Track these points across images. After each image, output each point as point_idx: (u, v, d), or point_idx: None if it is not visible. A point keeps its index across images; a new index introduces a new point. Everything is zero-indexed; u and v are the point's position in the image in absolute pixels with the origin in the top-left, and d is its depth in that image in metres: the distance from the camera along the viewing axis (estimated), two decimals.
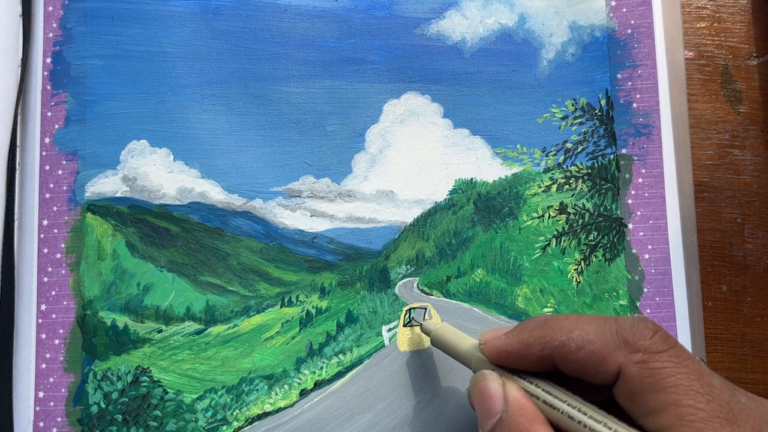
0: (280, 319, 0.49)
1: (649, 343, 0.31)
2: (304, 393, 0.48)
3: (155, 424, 0.47)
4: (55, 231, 0.49)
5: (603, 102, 0.51)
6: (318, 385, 0.49)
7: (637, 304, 0.49)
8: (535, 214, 0.51)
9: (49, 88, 0.50)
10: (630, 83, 0.51)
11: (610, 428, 0.31)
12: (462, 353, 0.40)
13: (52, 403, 0.47)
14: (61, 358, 0.47)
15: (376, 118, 0.51)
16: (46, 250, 0.48)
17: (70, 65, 0.50)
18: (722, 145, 0.51)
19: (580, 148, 0.51)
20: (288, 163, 0.50)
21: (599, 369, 0.32)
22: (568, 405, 0.33)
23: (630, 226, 0.50)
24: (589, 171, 0.51)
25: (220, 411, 0.48)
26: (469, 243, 0.51)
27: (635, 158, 0.50)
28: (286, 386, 0.48)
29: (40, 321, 0.48)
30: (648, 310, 0.49)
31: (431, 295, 0.50)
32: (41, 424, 0.47)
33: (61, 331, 0.48)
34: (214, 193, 0.50)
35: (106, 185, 0.50)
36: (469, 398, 0.38)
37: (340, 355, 0.49)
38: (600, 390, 0.33)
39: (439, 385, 0.48)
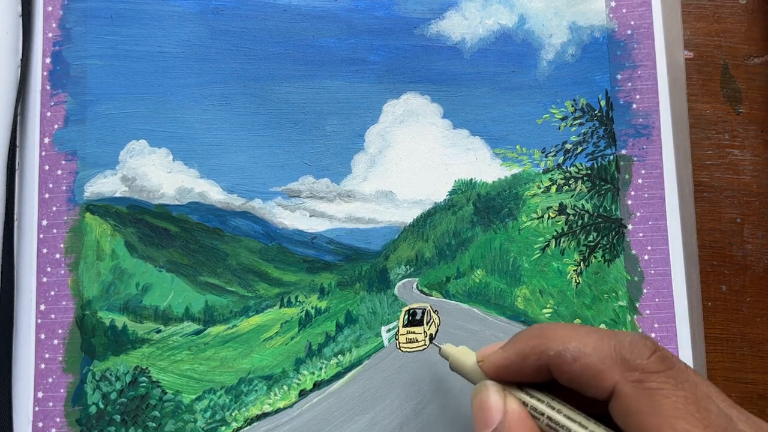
0: (279, 319, 0.49)
1: (647, 363, 0.30)
2: (303, 394, 0.48)
3: (154, 424, 0.47)
4: (55, 231, 0.49)
5: (603, 103, 0.51)
6: (317, 385, 0.48)
7: (637, 305, 0.49)
8: (534, 215, 0.51)
9: (48, 88, 0.50)
10: (630, 84, 0.51)
11: None
12: (469, 372, 0.39)
13: (51, 404, 0.47)
14: (60, 359, 0.47)
15: (376, 118, 0.51)
16: (45, 250, 0.48)
17: (69, 65, 0.50)
18: (722, 145, 0.51)
19: (579, 149, 0.51)
20: (287, 163, 0.50)
21: (593, 383, 0.32)
22: (569, 419, 0.33)
23: (629, 227, 0.50)
24: (589, 172, 0.51)
25: (218, 411, 0.47)
26: (468, 244, 0.51)
27: (635, 159, 0.50)
28: (285, 387, 0.48)
29: (39, 321, 0.48)
30: (647, 311, 0.49)
31: (431, 295, 0.50)
32: (40, 425, 0.47)
33: (60, 331, 0.48)
34: (214, 193, 0.50)
35: (105, 185, 0.50)
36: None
37: (340, 356, 0.49)
38: (601, 403, 0.33)
39: (439, 385, 0.48)
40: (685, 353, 0.48)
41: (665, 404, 0.29)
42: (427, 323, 0.49)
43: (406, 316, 0.49)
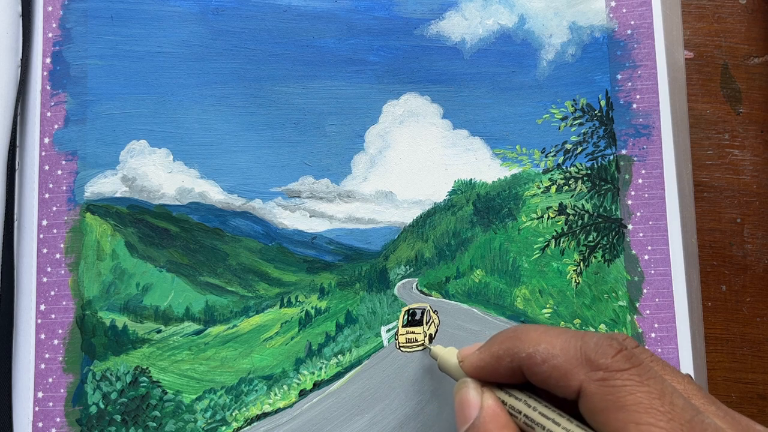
0: (279, 319, 0.49)
1: (611, 362, 0.31)
2: (303, 393, 0.48)
3: (154, 424, 0.47)
4: (55, 231, 0.49)
5: (603, 103, 0.51)
6: (317, 385, 0.48)
7: (637, 305, 0.49)
8: (534, 215, 0.51)
9: (48, 88, 0.50)
10: (630, 84, 0.51)
11: None
12: (453, 371, 0.40)
13: (51, 404, 0.47)
14: (60, 359, 0.47)
15: (376, 118, 0.51)
16: (45, 250, 0.48)
17: (69, 65, 0.50)
18: (722, 145, 0.51)
19: (579, 149, 0.51)
20: (287, 163, 0.50)
21: (561, 383, 0.32)
22: (543, 417, 0.33)
23: (629, 227, 0.50)
24: (589, 172, 0.51)
25: (219, 411, 0.47)
26: (468, 244, 0.51)
27: (635, 159, 0.50)
28: (285, 387, 0.48)
29: (39, 321, 0.48)
30: (647, 311, 0.49)
31: (430, 295, 0.50)
32: (40, 425, 0.47)
33: (60, 331, 0.48)
34: (214, 194, 0.50)
35: (105, 185, 0.50)
36: None
37: (339, 356, 0.49)
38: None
39: (438, 385, 0.48)
40: (685, 353, 0.48)
41: (629, 400, 0.30)
42: (427, 323, 0.49)
43: (406, 316, 0.49)
